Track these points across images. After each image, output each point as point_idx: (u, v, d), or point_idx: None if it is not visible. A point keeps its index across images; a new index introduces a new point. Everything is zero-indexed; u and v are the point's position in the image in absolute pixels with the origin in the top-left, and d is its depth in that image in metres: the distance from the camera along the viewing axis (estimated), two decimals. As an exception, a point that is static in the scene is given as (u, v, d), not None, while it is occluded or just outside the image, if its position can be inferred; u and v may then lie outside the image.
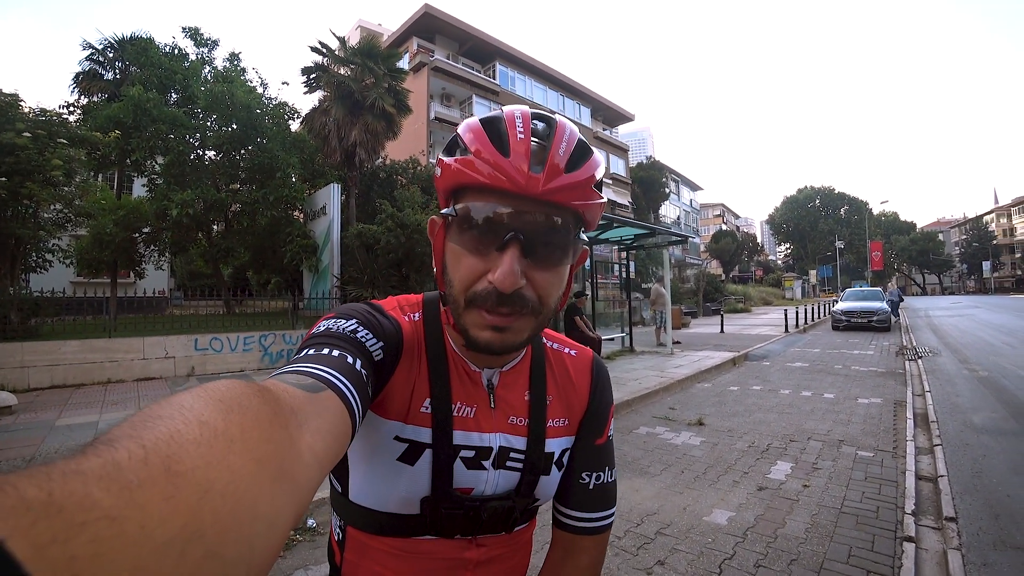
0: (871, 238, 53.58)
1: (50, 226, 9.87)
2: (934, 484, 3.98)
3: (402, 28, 26.03)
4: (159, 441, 0.25)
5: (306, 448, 0.36)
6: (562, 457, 0.78)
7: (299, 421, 0.38)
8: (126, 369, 8.43)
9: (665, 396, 7.38)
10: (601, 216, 0.71)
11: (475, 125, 0.62)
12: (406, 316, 0.72)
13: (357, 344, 0.60)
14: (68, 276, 15.57)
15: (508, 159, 0.58)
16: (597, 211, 0.64)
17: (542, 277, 0.61)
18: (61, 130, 9.24)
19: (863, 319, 17.22)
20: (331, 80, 14.99)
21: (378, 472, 0.68)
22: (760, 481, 4.05)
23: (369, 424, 0.67)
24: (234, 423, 0.30)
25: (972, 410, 6.16)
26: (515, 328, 0.62)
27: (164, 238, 13.55)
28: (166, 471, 0.24)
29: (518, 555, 0.79)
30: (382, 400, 0.67)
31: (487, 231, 0.60)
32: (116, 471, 0.22)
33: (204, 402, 0.30)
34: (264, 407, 0.34)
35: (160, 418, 0.27)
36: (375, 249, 12.61)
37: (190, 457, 0.25)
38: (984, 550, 2.99)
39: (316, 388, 0.45)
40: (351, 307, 0.67)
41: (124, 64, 14.57)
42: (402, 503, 0.68)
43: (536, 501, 0.76)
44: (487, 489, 0.72)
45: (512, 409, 0.74)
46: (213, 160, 14.06)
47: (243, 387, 0.35)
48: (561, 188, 0.59)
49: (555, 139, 0.61)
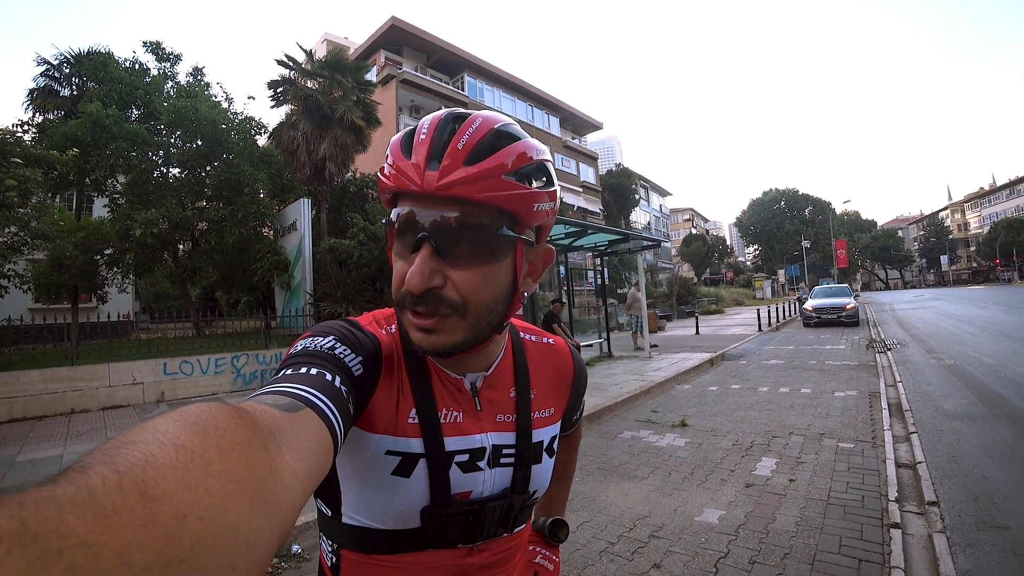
0: (835, 237, 55.29)
1: (5, 250, 9.45)
2: (914, 471, 4.07)
3: (369, 41, 25.94)
4: (134, 466, 0.25)
5: (287, 469, 0.36)
6: (552, 444, 0.79)
7: (278, 442, 0.37)
8: (91, 398, 8.06)
9: (647, 399, 7.41)
10: (570, 220, 0.74)
11: (397, 135, 0.64)
12: (383, 329, 0.71)
13: (335, 361, 0.59)
14: (25, 302, 14.89)
15: (410, 160, 0.59)
16: (524, 202, 0.61)
17: (461, 276, 0.60)
18: (15, 149, 8.90)
19: (833, 315, 17.70)
20: (298, 93, 14.80)
21: (373, 489, 0.66)
22: (747, 478, 4.07)
23: (357, 441, 0.65)
24: (211, 446, 0.29)
25: (942, 397, 6.35)
26: (442, 329, 0.61)
27: (127, 259, 13.04)
28: (142, 496, 0.23)
29: (519, 556, 0.79)
30: (368, 415, 0.65)
31: (405, 234, 0.61)
32: (90, 498, 0.22)
33: (179, 426, 0.30)
34: (241, 428, 0.33)
35: (134, 443, 0.27)
36: (348, 264, 12.44)
37: (167, 481, 0.25)
38: (967, 531, 3.06)
39: (294, 407, 0.45)
40: (328, 325, 0.66)
41: (81, 80, 14.02)
42: (401, 517, 0.66)
43: (534, 495, 0.76)
44: (485, 490, 0.71)
45: (499, 408, 0.74)
46: (178, 177, 13.67)
47: (219, 409, 0.34)
48: (458, 181, 0.57)
49: (457, 133, 0.59)
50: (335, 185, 16.19)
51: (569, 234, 10.18)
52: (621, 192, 38.50)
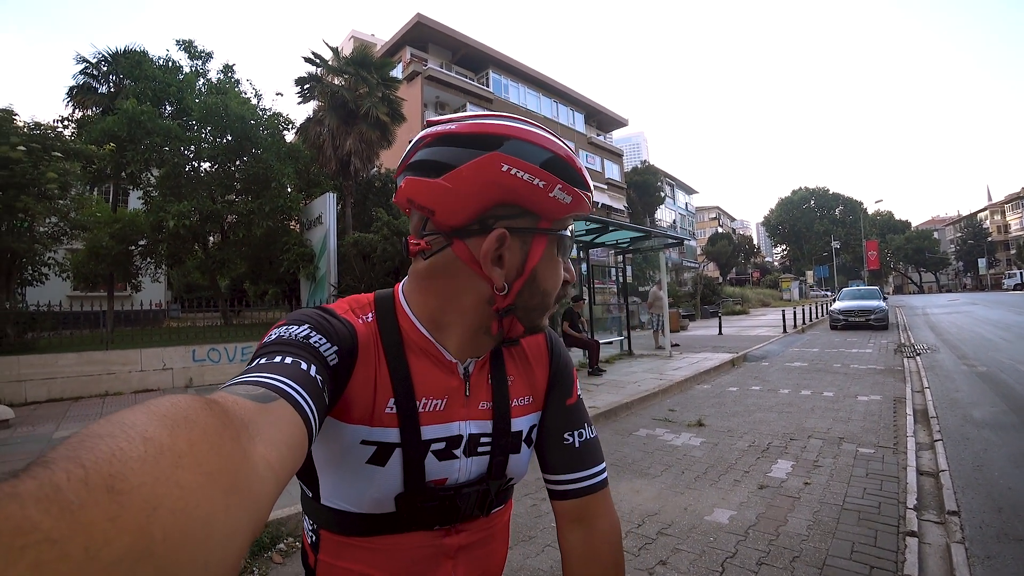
0: (867, 237, 53.77)
1: (46, 239, 9.83)
2: (935, 479, 3.97)
3: (395, 38, 26.17)
4: (100, 460, 0.24)
5: (260, 460, 0.36)
6: (530, 433, 0.79)
7: (251, 433, 0.37)
8: (123, 381, 8.39)
9: (664, 398, 7.36)
10: (594, 217, 0.92)
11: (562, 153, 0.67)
12: (359, 318, 0.71)
13: (310, 349, 0.59)
14: (64, 290, 15.52)
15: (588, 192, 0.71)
16: None
17: None
18: (56, 143, 9.22)
19: (861, 318, 17.25)
20: (325, 90, 15.05)
21: (348, 477, 0.67)
22: (761, 480, 4.03)
23: (333, 429, 0.66)
24: (181, 438, 0.29)
25: (972, 405, 6.16)
26: None
27: (160, 250, 13.49)
28: (109, 490, 0.23)
29: (497, 538, 0.80)
30: (343, 405, 0.65)
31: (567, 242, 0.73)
32: (55, 492, 0.21)
33: (147, 418, 0.29)
34: (212, 420, 0.33)
35: (101, 437, 0.26)
36: (372, 257, 12.63)
37: (135, 475, 0.24)
38: (987, 543, 2.98)
39: (267, 398, 0.44)
40: (303, 312, 0.66)
41: (118, 77, 14.53)
42: (376, 503, 0.68)
43: (510, 481, 0.77)
44: (461, 477, 0.72)
45: (480, 394, 0.75)
46: (208, 171, 14.02)
47: (189, 401, 0.34)
48: None
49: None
50: (360, 180, 16.42)
51: (591, 230, 10.14)
52: (646, 189, 38.16)
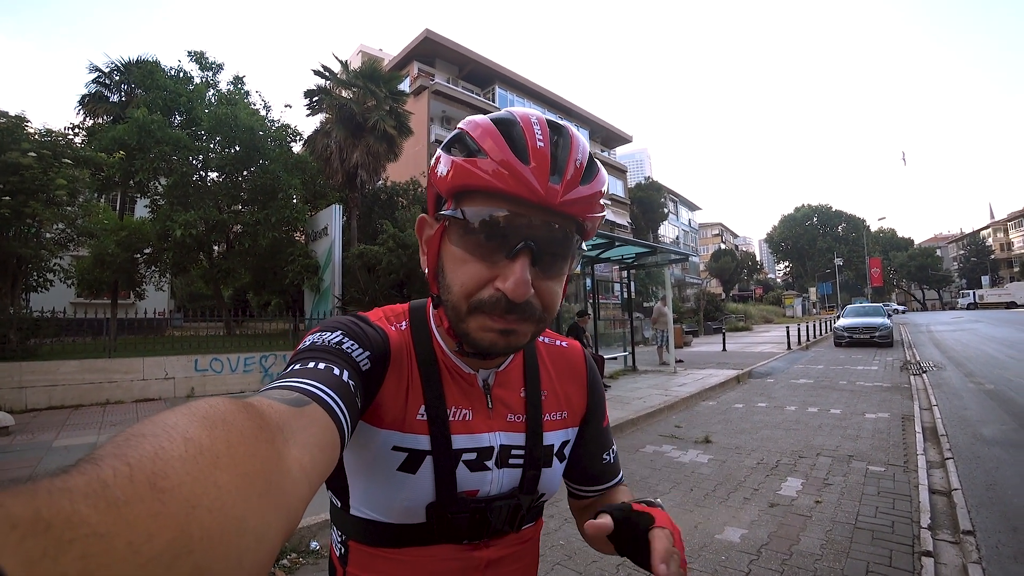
0: (869, 255, 53.73)
1: (52, 245, 9.86)
2: (948, 498, 3.91)
3: (403, 52, 26.48)
4: (144, 459, 0.25)
5: (294, 462, 0.37)
6: (563, 449, 0.79)
7: (285, 436, 0.38)
8: (125, 390, 8.36)
9: (670, 414, 7.30)
10: (598, 232, 0.74)
11: (488, 125, 0.60)
12: (392, 326, 0.71)
13: (343, 355, 0.60)
14: (69, 296, 15.51)
15: (528, 166, 0.57)
16: (598, 222, 0.65)
17: (547, 286, 0.61)
18: (66, 150, 9.28)
19: (865, 335, 17.18)
20: (333, 102, 15.19)
21: (379, 483, 0.66)
22: (771, 498, 3.98)
23: (364, 435, 0.66)
24: (219, 439, 0.30)
25: (981, 423, 6.09)
26: (520, 331, 0.62)
27: (165, 259, 13.54)
28: (152, 487, 0.24)
29: (528, 555, 0.79)
30: (375, 410, 0.65)
31: (495, 237, 0.58)
32: (102, 488, 0.22)
33: (188, 419, 0.30)
34: (249, 423, 0.34)
35: (144, 436, 0.27)
36: (376, 269, 12.64)
37: (176, 473, 0.25)
38: (1004, 563, 2.93)
39: (301, 402, 0.45)
40: (336, 319, 0.66)
41: (130, 87, 14.75)
42: (406, 512, 0.67)
43: (541, 496, 0.76)
44: (492, 489, 0.71)
45: (509, 407, 0.74)
46: (216, 181, 14.13)
47: (227, 404, 0.35)
48: (577, 200, 0.59)
49: (571, 149, 0.60)
50: (366, 192, 16.52)
51: (596, 246, 10.14)
52: (650, 205, 38.23)
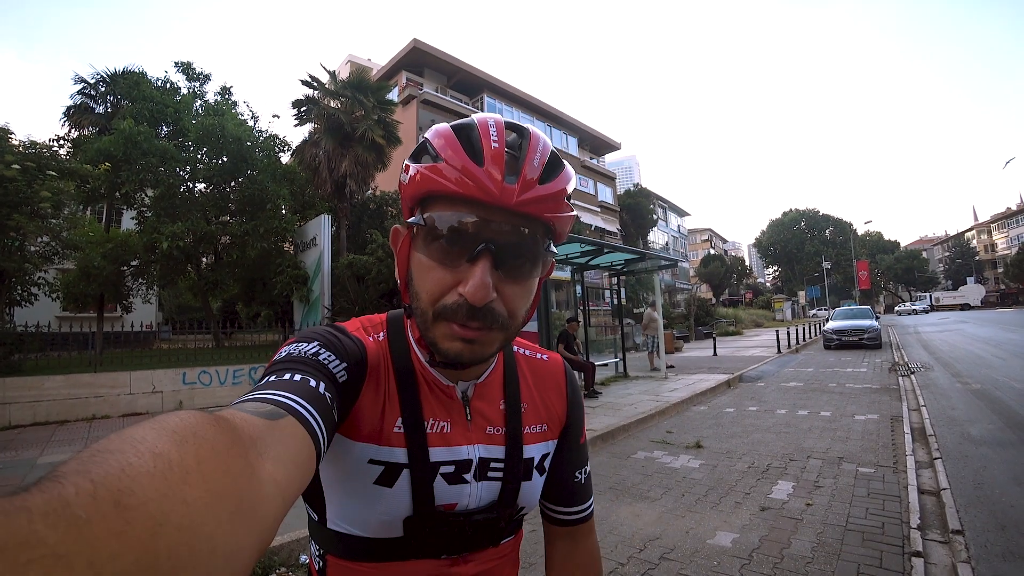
0: (857, 258, 54.28)
1: (36, 259, 9.73)
2: (937, 498, 3.94)
3: (391, 62, 26.55)
4: (109, 475, 0.24)
5: (267, 478, 0.35)
6: (543, 462, 0.78)
7: (259, 450, 0.36)
8: (111, 405, 8.23)
9: (661, 420, 7.31)
10: (588, 239, 0.73)
11: (446, 131, 0.60)
12: (370, 336, 0.70)
13: (320, 367, 0.58)
14: (54, 310, 15.27)
15: (482, 168, 0.56)
16: (567, 223, 0.64)
17: (511, 290, 0.60)
18: (51, 162, 9.21)
19: (854, 337, 17.36)
20: (321, 112, 15.17)
21: (355, 497, 0.65)
22: (762, 501, 3.98)
23: (340, 448, 0.65)
24: (189, 454, 0.29)
25: (969, 423, 6.15)
26: (485, 341, 0.60)
27: (153, 271, 13.40)
28: (116, 505, 0.22)
29: (506, 569, 0.77)
30: (351, 422, 0.64)
31: (457, 242, 0.58)
32: (63, 507, 0.21)
33: (157, 434, 0.29)
34: (221, 437, 0.33)
35: (110, 452, 0.26)
36: (366, 279, 12.57)
37: (143, 490, 0.24)
38: (994, 562, 2.94)
39: (276, 415, 0.43)
40: (313, 330, 0.65)
41: (116, 98, 14.66)
42: (383, 526, 0.66)
43: (521, 510, 0.75)
44: (471, 503, 0.70)
45: (488, 420, 0.73)
46: (203, 192, 14.04)
47: (198, 417, 0.33)
48: (535, 199, 0.58)
49: (529, 149, 0.59)
50: (355, 202, 16.47)
51: (585, 253, 10.17)
52: (639, 212, 38.49)
